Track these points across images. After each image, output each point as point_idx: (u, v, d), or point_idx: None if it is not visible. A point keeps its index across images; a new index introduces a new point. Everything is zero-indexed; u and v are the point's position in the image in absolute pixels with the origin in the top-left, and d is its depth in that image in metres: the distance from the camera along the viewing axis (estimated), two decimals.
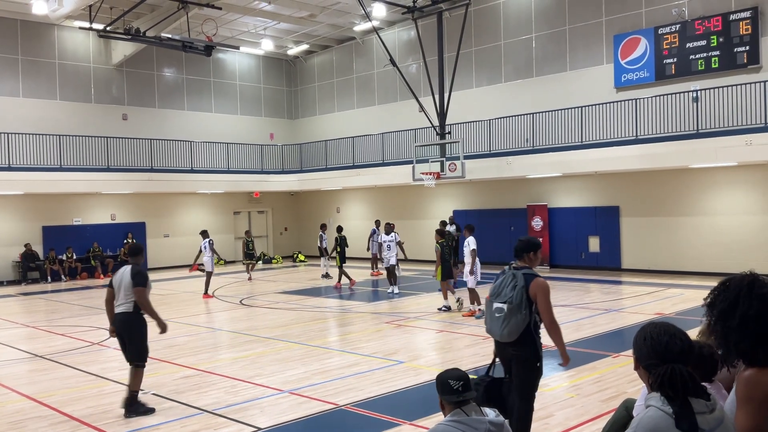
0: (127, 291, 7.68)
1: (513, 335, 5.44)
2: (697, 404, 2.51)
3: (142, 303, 7.66)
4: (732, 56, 18.84)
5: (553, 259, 22.73)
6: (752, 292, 2.66)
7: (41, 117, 24.37)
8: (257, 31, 27.47)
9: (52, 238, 24.23)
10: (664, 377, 2.54)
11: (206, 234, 19.31)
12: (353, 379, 8.95)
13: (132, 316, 7.70)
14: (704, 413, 2.50)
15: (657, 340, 2.68)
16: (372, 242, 22.93)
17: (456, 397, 3.43)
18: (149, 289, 7.78)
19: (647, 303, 14.94)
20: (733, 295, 2.68)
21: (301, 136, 31.37)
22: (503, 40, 24.33)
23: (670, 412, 2.49)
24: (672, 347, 2.63)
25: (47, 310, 16.70)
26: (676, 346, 2.64)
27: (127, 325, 7.73)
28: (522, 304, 5.39)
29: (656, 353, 2.65)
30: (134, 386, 7.71)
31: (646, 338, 2.72)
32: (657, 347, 2.66)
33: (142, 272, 7.78)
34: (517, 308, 5.38)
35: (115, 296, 7.79)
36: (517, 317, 5.38)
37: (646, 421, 2.51)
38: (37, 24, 24.45)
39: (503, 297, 5.45)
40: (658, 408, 2.52)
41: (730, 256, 18.66)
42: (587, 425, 6.84)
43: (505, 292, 5.47)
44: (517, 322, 5.39)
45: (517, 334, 5.43)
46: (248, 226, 30.26)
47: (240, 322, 14.09)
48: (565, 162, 20.31)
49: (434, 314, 14.27)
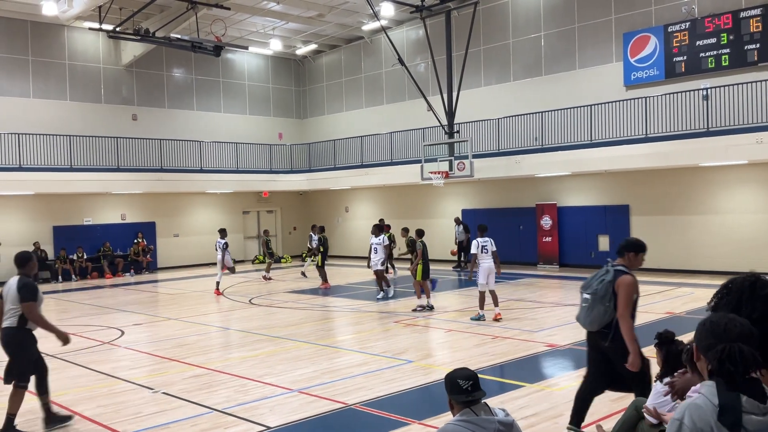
0: (13, 304, 6.93)
1: (594, 325, 5.80)
2: (749, 403, 2.43)
3: (33, 318, 6.92)
4: (742, 54, 18.71)
5: (563, 258, 22.66)
6: (754, 294, 2.64)
7: (51, 118, 24.51)
8: (266, 31, 27.53)
9: (62, 237, 24.37)
10: (723, 353, 2.48)
11: (224, 233, 19.31)
12: (362, 379, 8.96)
13: (15, 331, 6.96)
14: (754, 414, 2.42)
15: (716, 323, 2.62)
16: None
17: (465, 397, 3.43)
18: (40, 302, 7.05)
19: (657, 302, 14.86)
20: (735, 298, 2.66)
21: (309, 136, 31.41)
22: (512, 38, 24.27)
23: (716, 404, 2.45)
24: (732, 328, 2.57)
25: (58, 309, 16.80)
26: (736, 328, 2.58)
27: (10, 341, 7.00)
28: (606, 296, 5.71)
29: (714, 335, 2.59)
30: (12, 409, 7.02)
31: (705, 323, 2.67)
32: (716, 329, 2.60)
33: (29, 284, 6.98)
34: (600, 300, 5.73)
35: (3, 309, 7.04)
36: (599, 308, 5.74)
37: (693, 409, 2.46)
38: (47, 25, 24.59)
39: (590, 288, 5.83)
40: (706, 397, 2.47)
41: (740, 255, 18.56)
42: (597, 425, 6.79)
43: (593, 284, 5.83)
44: (599, 313, 5.75)
45: (599, 324, 5.77)
46: (257, 225, 30.39)
47: (249, 322, 14.13)
48: (575, 161, 20.24)
49: (442, 314, 14.26)
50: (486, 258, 13.03)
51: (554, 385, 8.59)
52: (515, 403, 7.51)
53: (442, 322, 13.35)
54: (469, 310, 14.67)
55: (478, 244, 13.08)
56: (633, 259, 5.86)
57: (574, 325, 12.40)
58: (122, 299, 18.81)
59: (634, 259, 5.86)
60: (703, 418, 2.43)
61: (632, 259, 5.85)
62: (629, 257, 5.86)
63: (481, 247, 13.02)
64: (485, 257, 13.03)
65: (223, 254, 18.80)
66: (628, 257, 5.86)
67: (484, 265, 13.03)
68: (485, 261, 13.02)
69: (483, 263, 13.04)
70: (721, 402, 2.43)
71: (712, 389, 2.48)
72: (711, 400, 2.45)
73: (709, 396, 2.47)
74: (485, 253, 13.04)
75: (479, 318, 13.05)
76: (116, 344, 12.02)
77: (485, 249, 13.05)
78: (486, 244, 13.08)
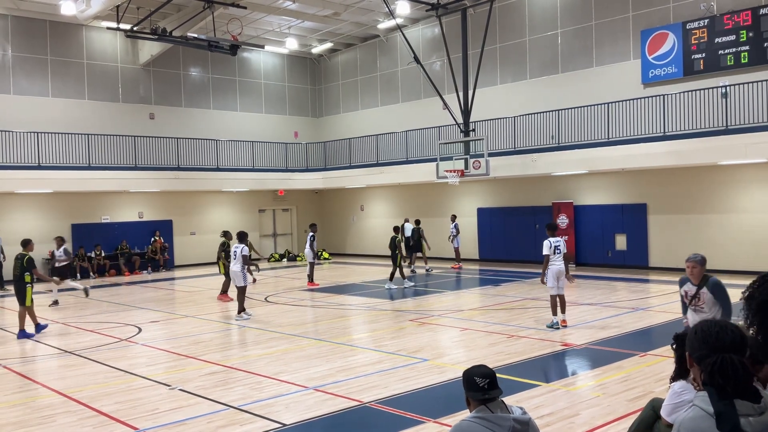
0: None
1: None
2: (743, 406, 2.41)
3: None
4: (762, 51, 18.50)
5: (580, 257, 22.53)
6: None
7: (70, 117, 24.75)
8: (282, 30, 27.62)
9: (81, 235, 24.60)
10: (714, 366, 2.47)
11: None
12: (377, 377, 8.97)
13: None
14: (750, 415, 2.40)
15: (707, 332, 2.61)
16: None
17: (481, 395, 3.43)
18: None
19: (675, 302, 14.71)
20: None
21: (325, 134, 31.46)
22: (528, 36, 24.15)
23: (712, 412, 2.43)
24: (723, 337, 2.56)
25: (77, 306, 16.97)
26: (728, 336, 2.57)
27: None
28: None
29: (707, 344, 2.58)
30: None
31: (697, 332, 2.66)
32: (708, 338, 2.59)
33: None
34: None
35: None
36: None
37: (687, 423, 2.45)
38: (66, 24, 24.82)
39: None
40: (700, 408, 2.46)
41: (759, 254, 18.36)
42: (613, 425, 6.77)
43: None
44: None
45: None
46: (273, 224, 30.56)
47: (265, 319, 14.18)
48: (592, 159, 20.11)
49: (458, 312, 14.23)
50: (557, 259, 12.08)
51: (570, 385, 8.55)
52: (531, 402, 7.47)
53: (457, 321, 13.32)
54: (484, 309, 14.65)
55: (551, 245, 12.08)
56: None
57: (590, 325, 12.36)
58: (139, 297, 18.96)
59: None
60: (700, 428, 2.41)
61: None
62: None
63: (554, 248, 12.03)
64: (557, 258, 12.08)
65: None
66: None
67: (554, 268, 12.05)
68: (556, 263, 12.07)
69: (553, 265, 12.07)
70: (716, 410, 2.41)
71: (705, 399, 2.47)
72: (706, 410, 2.44)
73: (703, 406, 2.45)
74: (557, 255, 12.07)
75: (553, 326, 11.98)
76: (133, 341, 12.12)
77: (558, 250, 12.07)
78: (559, 245, 12.13)
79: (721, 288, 6.85)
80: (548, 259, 12.05)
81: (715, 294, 6.81)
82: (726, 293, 6.82)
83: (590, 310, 14.05)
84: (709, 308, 6.84)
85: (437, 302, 16.14)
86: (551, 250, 12.05)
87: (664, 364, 8.96)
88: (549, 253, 12.04)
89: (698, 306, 6.94)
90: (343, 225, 31.45)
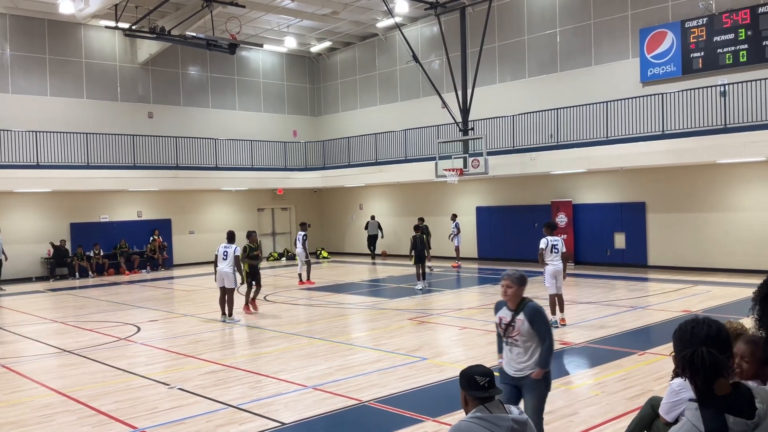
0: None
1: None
2: (737, 423, 2.40)
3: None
4: (760, 50, 18.50)
5: (579, 255, 22.54)
6: None
7: (68, 115, 24.72)
8: (280, 28, 27.60)
9: (79, 234, 24.58)
10: (685, 359, 2.49)
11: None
12: (376, 376, 8.97)
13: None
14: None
15: (683, 329, 2.66)
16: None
17: (481, 393, 3.42)
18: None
19: (674, 300, 14.76)
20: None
21: (323, 133, 31.45)
22: (527, 35, 24.15)
23: (702, 430, 2.41)
24: (698, 332, 2.59)
25: (75, 305, 16.96)
26: (702, 331, 2.59)
27: None
28: None
29: (682, 342, 2.62)
30: None
31: (676, 331, 2.70)
32: (683, 335, 2.63)
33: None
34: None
35: None
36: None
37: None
38: (64, 23, 24.79)
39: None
40: (692, 423, 2.46)
41: (758, 253, 18.36)
42: (612, 423, 6.78)
43: None
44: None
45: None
46: (272, 223, 30.53)
47: (264, 318, 14.18)
48: (590, 158, 20.12)
49: (457, 311, 14.24)
50: (555, 258, 11.97)
51: (569, 383, 8.56)
52: None
53: (456, 319, 13.33)
54: (483, 308, 14.65)
55: (548, 243, 11.98)
56: None
57: (589, 324, 12.36)
58: (138, 296, 18.96)
59: None
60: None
61: None
62: None
63: (551, 246, 11.91)
64: (554, 258, 11.95)
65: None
66: None
67: (551, 268, 11.94)
68: (554, 262, 11.94)
69: (551, 264, 11.95)
70: (707, 428, 2.41)
71: (696, 414, 2.46)
72: (697, 426, 2.43)
73: (694, 422, 2.45)
74: (555, 254, 11.94)
75: (552, 324, 12.21)
76: (132, 340, 12.11)
77: (556, 248, 11.93)
78: (557, 243, 11.99)
79: (541, 316, 5.35)
80: (543, 252, 12.03)
81: (533, 323, 5.31)
82: (547, 323, 5.40)
83: (589, 308, 14.06)
84: (523, 342, 5.34)
85: (436, 301, 16.14)
86: (548, 248, 12.03)
87: (663, 363, 8.98)
88: (543, 247, 12.03)
89: (511, 338, 5.40)
90: (341, 224, 31.45)
